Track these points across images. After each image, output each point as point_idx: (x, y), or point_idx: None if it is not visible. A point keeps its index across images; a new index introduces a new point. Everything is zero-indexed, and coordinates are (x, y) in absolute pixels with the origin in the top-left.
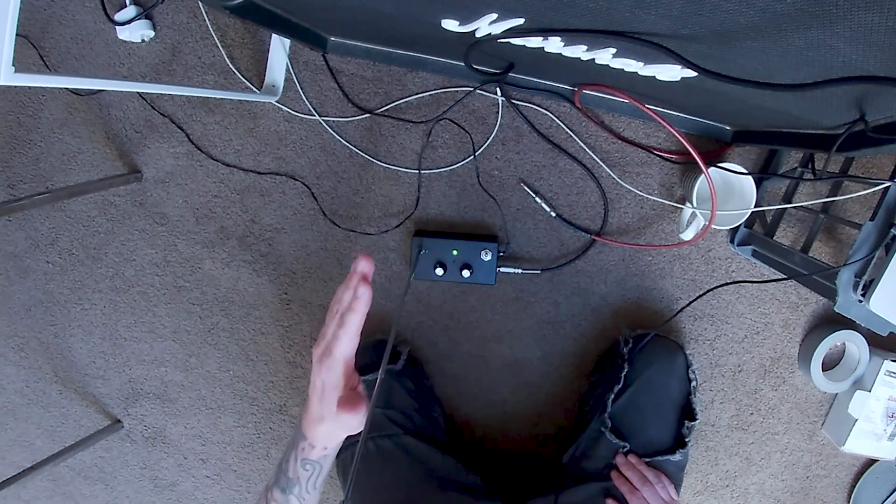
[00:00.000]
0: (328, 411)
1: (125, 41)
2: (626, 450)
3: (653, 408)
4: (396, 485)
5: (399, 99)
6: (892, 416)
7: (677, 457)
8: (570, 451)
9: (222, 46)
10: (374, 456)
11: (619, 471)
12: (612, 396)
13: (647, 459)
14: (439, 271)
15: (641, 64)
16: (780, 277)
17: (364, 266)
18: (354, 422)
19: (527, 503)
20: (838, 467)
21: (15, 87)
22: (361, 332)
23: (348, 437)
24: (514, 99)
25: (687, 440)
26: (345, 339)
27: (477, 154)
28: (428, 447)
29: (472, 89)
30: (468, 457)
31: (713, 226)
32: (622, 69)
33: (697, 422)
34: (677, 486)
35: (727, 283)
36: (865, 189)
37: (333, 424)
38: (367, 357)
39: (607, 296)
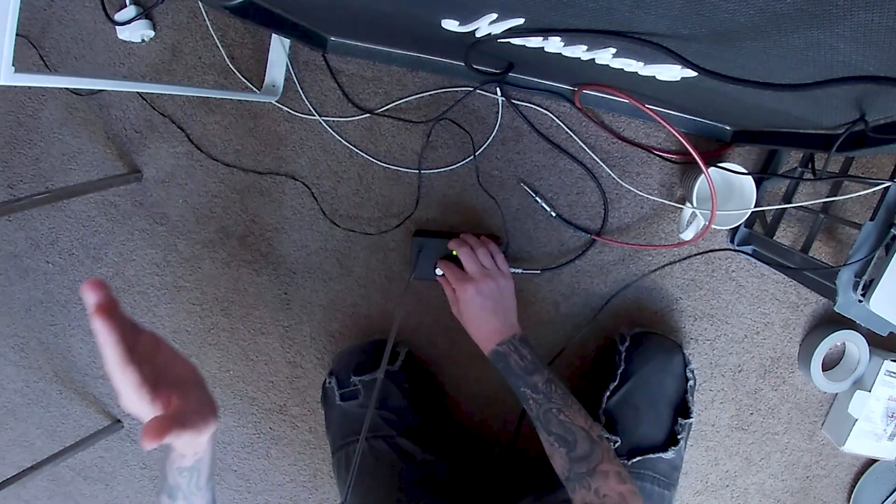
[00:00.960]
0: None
1: (125, 41)
2: (616, 445)
3: (647, 405)
4: (390, 486)
5: (399, 99)
6: (892, 416)
7: (670, 454)
8: None
9: (222, 46)
10: (368, 457)
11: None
12: (608, 393)
13: (639, 457)
14: (439, 271)
15: (641, 64)
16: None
17: (90, 297)
18: (185, 436)
19: (520, 501)
20: (838, 467)
21: (15, 87)
22: (361, 333)
23: (344, 437)
24: (514, 99)
25: (680, 437)
26: (115, 377)
27: (477, 154)
28: (421, 449)
29: (472, 89)
30: (465, 457)
31: (713, 226)
32: (622, 69)
33: (692, 420)
34: (672, 486)
35: (707, 251)
36: (865, 189)
37: (182, 440)
38: (366, 357)
39: (607, 296)
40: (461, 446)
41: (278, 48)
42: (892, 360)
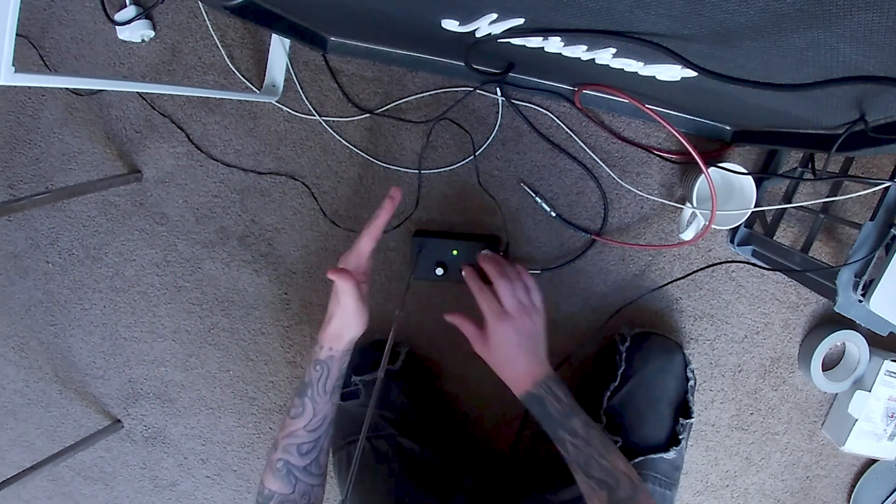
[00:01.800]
0: (334, 308)
1: (125, 41)
2: (617, 445)
3: (648, 405)
4: (391, 486)
5: (399, 99)
6: (892, 416)
7: (671, 454)
8: None
9: (222, 46)
10: (370, 456)
11: (473, 267)
12: (608, 393)
13: (641, 458)
14: (439, 271)
15: (641, 64)
16: (769, 267)
17: (394, 191)
18: (348, 300)
19: (521, 502)
20: (838, 467)
21: (15, 87)
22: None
23: (345, 437)
24: (514, 99)
25: (681, 437)
26: (368, 235)
27: (477, 154)
28: (422, 448)
29: (472, 89)
30: (465, 457)
31: (713, 226)
32: (622, 69)
33: (693, 420)
34: (673, 486)
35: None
36: (865, 189)
37: (338, 321)
38: (366, 357)
39: (607, 296)
40: (462, 446)
41: (278, 48)
42: (892, 360)
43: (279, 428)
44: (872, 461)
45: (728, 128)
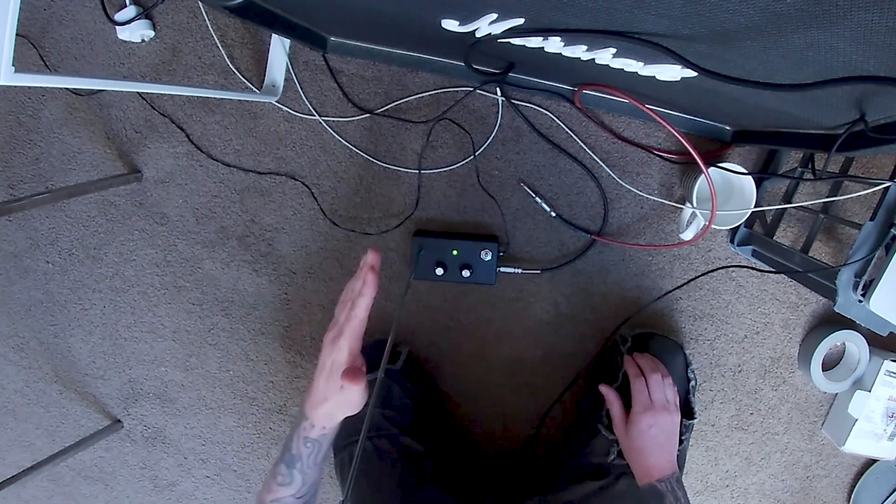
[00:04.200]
0: (332, 390)
1: (125, 41)
2: (618, 446)
3: None
4: (393, 485)
5: (399, 99)
6: (892, 416)
7: None
8: (567, 449)
9: (222, 46)
10: (372, 456)
11: (632, 357)
12: None
13: None
14: (439, 271)
15: (641, 64)
16: (769, 269)
17: (372, 258)
18: (354, 397)
19: (523, 503)
20: (838, 467)
21: (15, 87)
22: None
23: (347, 437)
24: (514, 99)
25: (684, 438)
26: (355, 322)
27: (477, 154)
28: (425, 448)
29: (472, 89)
30: (467, 457)
31: (713, 226)
32: (622, 69)
33: (695, 421)
34: None
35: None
36: (865, 189)
37: (334, 404)
38: (367, 357)
39: (607, 296)
40: (463, 445)
41: (278, 48)
42: (892, 360)
43: (264, 488)
44: (872, 461)
45: (728, 128)
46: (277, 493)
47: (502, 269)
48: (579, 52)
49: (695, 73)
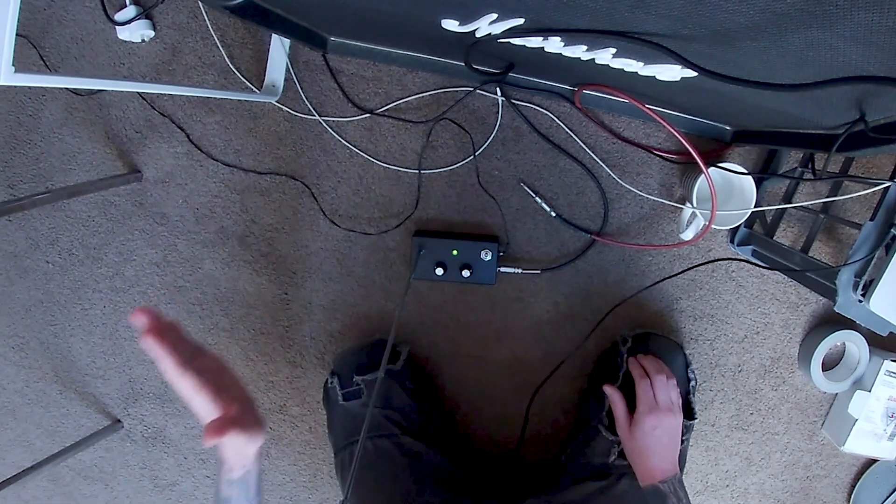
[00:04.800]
0: (229, 443)
1: (125, 41)
2: (619, 446)
3: None
4: (394, 485)
5: (399, 99)
6: (892, 416)
7: None
8: (567, 449)
9: (222, 46)
10: (373, 456)
11: (636, 359)
12: None
13: None
14: (439, 271)
15: (641, 64)
16: (767, 266)
17: (141, 320)
18: (238, 440)
19: (524, 502)
20: (838, 467)
21: (15, 87)
22: (361, 332)
23: (347, 437)
24: (514, 99)
25: (684, 438)
26: (175, 383)
27: (477, 154)
28: (426, 447)
29: (472, 89)
30: (467, 457)
31: (713, 226)
32: (622, 69)
33: (695, 421)
34: None
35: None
36: (865, 189)
37: (231, 447)
38: (367, 357)
39: (607, 296)
40: (463, 445)
41: (278, 48)
42: (892, 360)
43: None
44: (872, 461)
45: (728, 128)
46: None
47: (502, 269)
48: (579, 52)
49: (695, 73)
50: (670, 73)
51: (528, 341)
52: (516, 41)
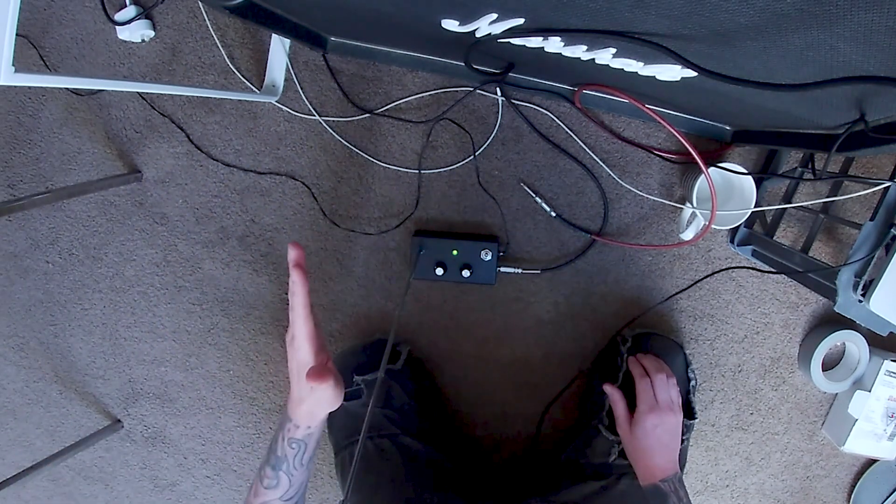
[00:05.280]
0: (304, 391)
1: (125, 41)
2: (619, 446)
3: None
4: (394, 485)
5: (399, 99)
6: (892, 416)
7: None
8: (567, 449)
9: (222, 46)
10: (373, 456)
11: (636, 358)
12: None
13: None
14: (439, 271)
15: (641, 64)
16: (769, 270)
17: (293, 256)
18: (327, 394)
19: (524, 503)
20: (838, 467)
21: (15, 87)
22: (361, 332)
23: (347, 437)
24: (514, 99)
25: (684, 438)
26: (299, 321)
27: (477, 154)
28: (426, 447)
29: (472, 89)
30: (467, 457)
31: (713, 226)
32: (622, 69)
33: (695, 421)
34: None
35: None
36: (865, 189)
37: (311, 403)
38: (367, 357)
39: (607, 296)
40: (463, 445)
41: (278, 48)
42: (892, 360)
43: (251, 491)
44: (872, 461)
45: (728, 128)
46: (264, 497)
47: (502, 269)
48: (579, 52)
49: (695, 73)
50: (670, 73)
51: (528, 341)
52: (516, 41)
